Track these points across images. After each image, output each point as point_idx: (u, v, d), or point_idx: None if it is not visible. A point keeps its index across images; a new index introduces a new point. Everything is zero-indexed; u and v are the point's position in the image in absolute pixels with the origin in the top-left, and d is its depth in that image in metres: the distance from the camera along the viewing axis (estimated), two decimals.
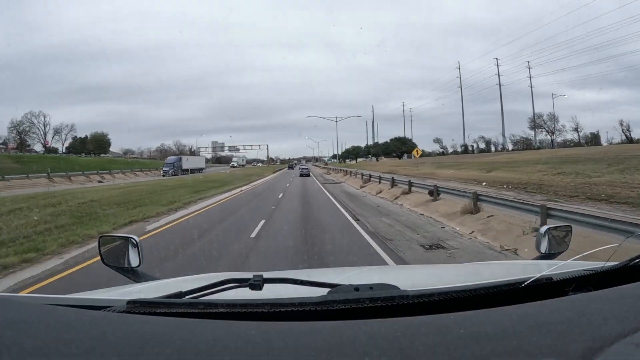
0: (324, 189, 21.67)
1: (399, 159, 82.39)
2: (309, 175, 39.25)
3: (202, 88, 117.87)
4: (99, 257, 1.61)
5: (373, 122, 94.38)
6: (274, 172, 54.15)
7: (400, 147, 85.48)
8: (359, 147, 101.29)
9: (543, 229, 1.57)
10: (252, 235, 7.93)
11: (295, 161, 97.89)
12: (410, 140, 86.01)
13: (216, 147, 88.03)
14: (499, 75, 59.88)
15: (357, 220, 10.16)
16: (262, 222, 9.57)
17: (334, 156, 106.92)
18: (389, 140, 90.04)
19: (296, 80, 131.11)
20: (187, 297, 0.95)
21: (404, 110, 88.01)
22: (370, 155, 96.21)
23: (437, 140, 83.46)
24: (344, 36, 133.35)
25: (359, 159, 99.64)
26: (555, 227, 1.64)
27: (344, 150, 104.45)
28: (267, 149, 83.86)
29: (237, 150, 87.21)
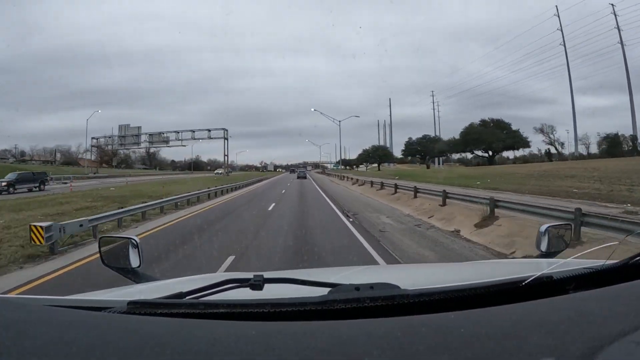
0: None
1: (490, 163, 47.89)
2: (305, 177, 44.75)
3: (200, 92, 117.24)
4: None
5: (390, 118, 67.95)
6: None
7: (499, 137, 46.53)
8: (382, 147, 68.65)
9: (543, 227, 1.57)
10: None
11: (280, 167, 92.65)
12: (509, 124, 48.81)
13: (125, 136, 48.63)
14: (619, 28, 37.25)
15: None
16: None
17: (339, 162, 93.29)
18: (480, 122, 48.68)
19: (296, 85, 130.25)
20: (187, 297, 0.95)
21: (433, 102, 59.11)
22: (390, 161, 67.09)
23: (543, 130, 47.46)
24: (344, 36, 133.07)
25: (362, 165, 71.11)
26: (555, 226, 1.64)
27: (361, 152, 75.29)
28: (226, 135, 44.49)
29: (166, 142, 47.02)
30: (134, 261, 1.50)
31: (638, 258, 0.99)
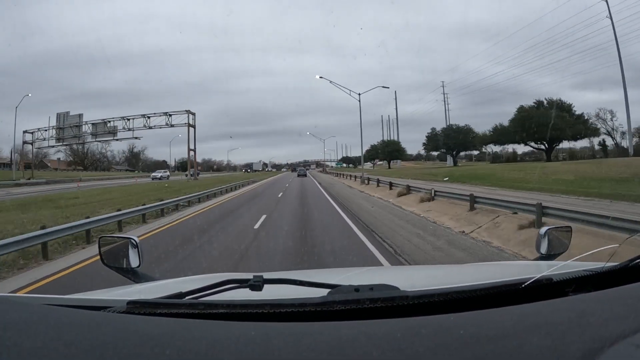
0: None
1: (548, 157, 37.11)
2: (305, 175, 46.07)
3: (201, 93, 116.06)
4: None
5: (397, 112, 59.81)
6: None
7: (569, 123, 34.87)
8: (393, 142, 57.00)
9: (543, 229, 1.57)
10: None
11: (278, 165, 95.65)
12: (571, 106, 37.01)
13: (64, 128, 39.18)
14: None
15: None
16: None
17: (343, 159, 79.42)
18: (535, 103, 36.57)
19: (297, 85, 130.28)
20: (187, 297, 0.95)
21: (444, 94, 50.19)
22: (398, 159, 57.41)
23: (599, 116, 36.50)
24: (345, 37, 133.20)
25: (368, 163, 59.65)
26: (555, 228, 1.64)
27: (368, 148, 61.86)
28: (191, 121, 35.62)
29: (113, 133, 38.40)
30: (134, 261, 1.50)
31: (638, 261, 0.98)
